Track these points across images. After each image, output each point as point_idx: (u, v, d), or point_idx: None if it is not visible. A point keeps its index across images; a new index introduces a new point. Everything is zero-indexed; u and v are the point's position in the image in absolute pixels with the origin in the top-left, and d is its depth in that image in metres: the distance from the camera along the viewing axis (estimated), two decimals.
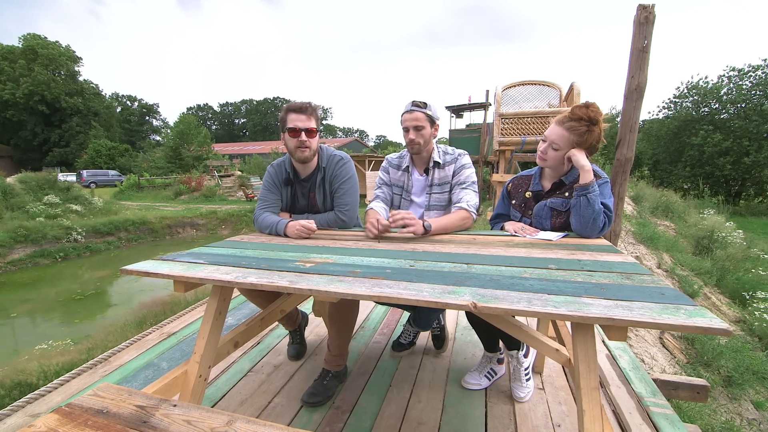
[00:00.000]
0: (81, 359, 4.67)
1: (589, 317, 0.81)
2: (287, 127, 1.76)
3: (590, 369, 0.95)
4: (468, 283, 1.00)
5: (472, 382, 1.91)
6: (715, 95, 15.07)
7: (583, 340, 0.96)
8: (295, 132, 1.75)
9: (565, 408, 1.75)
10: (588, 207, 1.52)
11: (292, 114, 1.75)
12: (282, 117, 1.80)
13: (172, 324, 2.71)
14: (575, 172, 1.67)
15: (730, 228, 6.03)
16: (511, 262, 1.20)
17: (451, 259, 1.24)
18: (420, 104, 1.87)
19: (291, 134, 1.75)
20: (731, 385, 2.65)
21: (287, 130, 1.76)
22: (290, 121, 1.75)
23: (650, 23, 2.97)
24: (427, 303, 0.89)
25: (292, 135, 1.75)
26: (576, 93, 3.09)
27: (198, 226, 17.06)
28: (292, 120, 1.75)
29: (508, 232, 1.71)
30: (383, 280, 1.04)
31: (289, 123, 1.76)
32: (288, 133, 1.76)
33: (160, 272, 1.18)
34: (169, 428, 0.93)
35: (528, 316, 0.93)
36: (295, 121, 1.75)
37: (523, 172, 1.89)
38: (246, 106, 69.58)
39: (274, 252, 1.40)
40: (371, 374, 2.04)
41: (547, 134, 1.65)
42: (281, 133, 1.84)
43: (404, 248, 1.43)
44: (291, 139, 1.77)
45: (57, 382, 2.00)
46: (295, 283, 1.03)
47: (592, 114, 1.54)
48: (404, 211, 1.71)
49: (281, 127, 1.82)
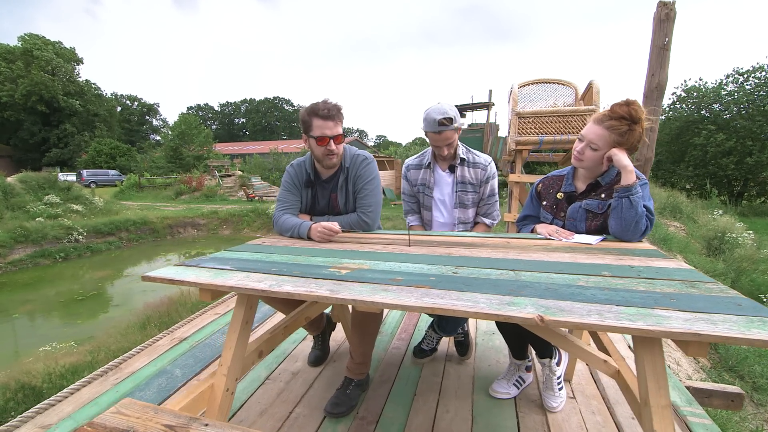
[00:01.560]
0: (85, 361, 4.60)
1: (673, 332, 0.74)
2: (314, 135, 1.67)
3: (660, 386, 0.88)
4: (524, 293, 0.93)
5: (500, 390, 1.83)
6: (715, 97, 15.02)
7: (650, 354, 0.89)
8: (323, 140, 1.66)
9: (599, 419, 1.68)
10: (630, 209, 1.44)
11: (318, 120, 1.65)
12: (306, 120, 1.69)
13: (183, 329, 2.63)
14: (612, 173, 1.60)
15: (741, 229, 5.97)
16: (560, 268, 1.13)
17: (495, 265, 1.17)
18: (445, 122, 1.82)
19: (319, 142, 1.67)
20: (757, 391, 2.59)
21: (315, 138, 1.67)
22: (317, 128, 1.66)
23: (671, 20, 2.90)
24: (487, 316, 0.82)
25: (320, 143, 1.67)
26: (595, 91, 3.02)
27: (199, 226, 16.98)
28: (319, 127, 1.65)
29: (541, 235, 1.64)
30: (431, 289, 0.96)
31: (315, 130, 1.66)
32: (316, 141, 1.68)
33: (186, 279, 1.10)
34: None
35: (601, 331, 0.86)
36: (322, 128, 1.65)
37: (554, 173, 1.82)
38: (246, 106, 69.40)
39: (302, 257, 1.32)
40: (394, 382, 1.96)
41: (584, 133, 1.57)
42: (303, 135, 1.76)
43: (439, 253, 1.35)
44: (318, 147, 1.69)
45: (67, 391, 1.93)
46: (336, 293, 0.95)
47: (634, 112, 1.46)
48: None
49: (304, 130, 1.73)
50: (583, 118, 2.99)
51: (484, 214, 2.07)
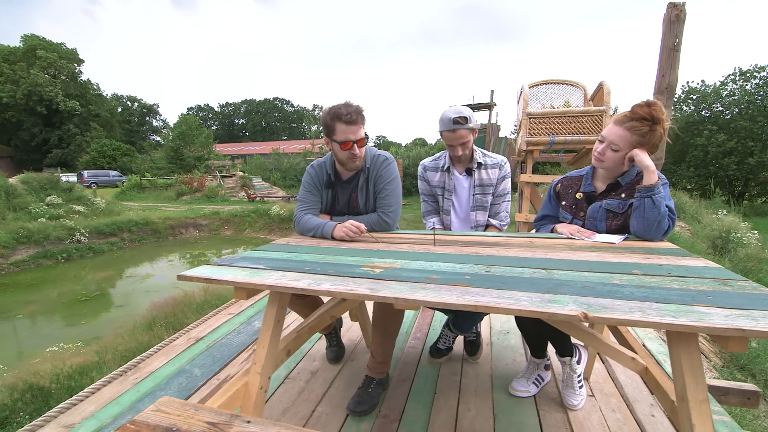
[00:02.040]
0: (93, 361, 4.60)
1: (716, 328, 0.75)
2: (338, 139, 1.68)
3: (697, 381, 0.89)
4: (562, 291, 0.94)
5: (520, 389, 1.85)
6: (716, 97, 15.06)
7: (687, 350, 0.91)
8: (346, 144, 1.68)
9: (620, 416, 1.70)
10: (653, 209, 1.46)
11: (341, 125, 1.66)
12: (329, 124, 1.71)
13: (198, 329, 2.64)
14: (631, 173, 1.61)
15: (746, 228, 5.99)
16: (591, 267, 1.15)
17: (526, 264, 1.18)
18: (460, 120, 1.84)
19: (343, 147, 1.69)
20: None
21: (339, 143, 1.69)
22: (341, 133, 1.67)
23: (681, 21, 2.92)
24: (531, 313, 0.84)
25: (344, 147, 1.69)
26: (606, 92, 3.04)
27: (201, 226, 17.00)
28: (342, 132, 1.67)
29: (563, 235, 1.65)
30: (469, 287, 0.98)
31: (339, 135, 1.68)
32: (340, 145, 1.69)
33: (224, 279, 1.12)
34: None
35: (645, 327, 0.88)
36: (346, 133, 1.67)
37: (572, 173, 1.84)
38: (246, 107, 69.42)
39: (332, 256, 1.34)
40: (413, 381, 1.98)
41: (604, 134, 1.59)
42: (325, 137, 1.77)
43: (466, 252, 1.37)
44: (342, 151, 1.71)
45: (88, 391, 1.94)
46: (377, 291, 0.97)
47: (655, 113, 1.48)
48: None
49: (326, 133, 1.75)
50: (593, 118, 3.01)
51: (494, 214, 2.07)
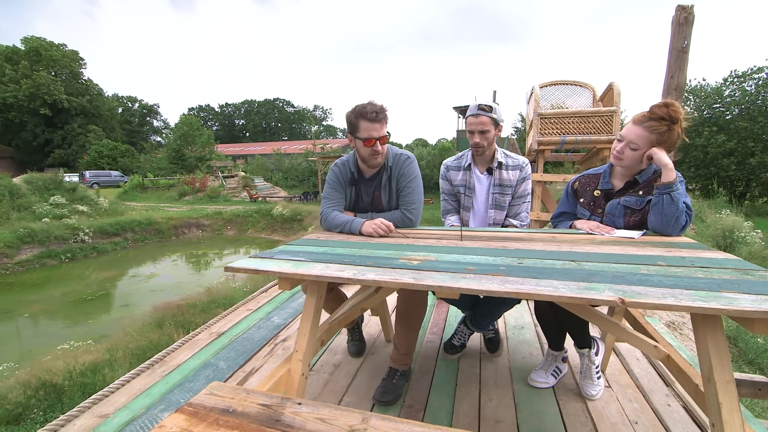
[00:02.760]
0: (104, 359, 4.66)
1: (745, 311, 0.81)
2: (362, 136, 1.75)
3: (723, 362, 0.95)
4: (595, 279, 1.00)
5: (539, 380, 1.91)
6: (717, 98, 15.14)
7: (713, 333, 0.97)
8: (370, 141, 1.74)
9: (637, 405, 1.76)
10: (672, 205, 1.52)
11: (365, 122, 1.73)
12: (353, 122, 1.77)
13: (218, 324, 2.70)
14: (648, 171, 1.68)
15: (749, 227, 6.06)
16: (617, 259, 1.21)
17: (555, 257, 1.25)
18: (486, 108, 1.90)
19: (366, 143, 1.75)
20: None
21: (362, 139, 1.75)
22: (364, 130, 1.74)
23: (690, 24, 2.99)
24: (570, 299, 0.90)
25: (367, 144, 1.75)
26: (616, 93, 3.10)
27: (203, 226, 17.06)
28: (366, 129, 1.73)
29: (582, 231, 1.71)
30: (506, 277, 1.04)
31: (363, 132, 1.74)
32: (363, 142, 1.76)
33: (270, 269, 1.18)
34: (305, 426, 0.93)
35: (678, 311, 0.94)
36: (369, 130, 1.73)
37: (589, 171, 1.90)
38: (246, 107, 69.52)
39: (366, 250, 1.40)
40: (434, 373, 2.04)
41: (623, 134, 1.65)
42: (349, 135, 1.84)
43: (494, 246, 1.43)
44: (365, 148, 1.77)
45: (119, 383, 2.00)
46: (420, 280, 1.03)
47: (673, 113, 1.54)
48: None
49: (350, 131, 1.81)
50: (603, 119, 3.07)
51: (513, 215, 2.09)
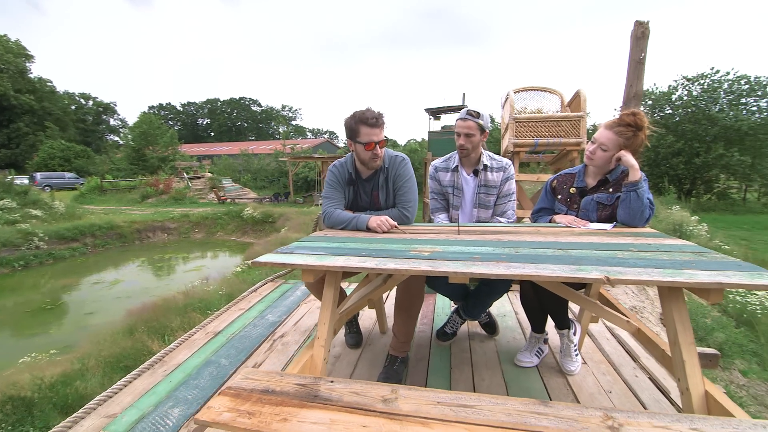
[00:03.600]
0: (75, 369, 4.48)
1: (703, 282, 1.02)
2: (362, 141, 1.86)
3: (686, 328, 1.16)
4: (583, 263, 1.19)
5: (524, 360, 2.11)
6: (667, 101, 16.40)
7: (677, 304, 1.17)
8: (370, 145, 1.87)
9: (610, 378, 2.00)
10: (638, 200, 1.75)
11: (365, 128, 1.85)
12: (352, 127, 1.88)
13: (213, 324, 2.73)
14: (617, 171, 1.91)
15: (695, 222, 6.69)
16: (597, 247, 1.41)
17: (544, 246, 1.43)
18: (474, 113, 2.08)
19: (366, 147, 1.87)
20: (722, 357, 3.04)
21: (363, 144, 1.87)
22: (365, 135, 1.86)
23: (646, 38, 3.32)
24: (567, 278, 1.07)
25: (368, 148, 1.87)
26: (583, 99, 3.39)
27: (170, 230, 16.47)
28: (367, 134, 1.85)
29: (561, 224, 1.92)
30: (509, 263, 1.20)
31: (363, 137, 1.86)
32: (364, 146, 1.88)
33: (296, 263, 1.29)
34: (342, 398, 1.05)
35: (655, 285, 1.13)
36: (370, 135, 1.86)
37: (566, 171, 2.12)
38: (210, 106, 67.26)
39: (377, 244, 1.53)
40: (429, 359, 2.20)
41: (596, 137, 1.87)
42: (349, 140, 1.94)
43: (489, 239, 1.60)
44: (366, 152, 1.89)
45: (121, 383, 2.01)
46: (437, 267, 1.17)
47: (639, 121, 1.78)
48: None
49: (350, 136, 1.91)
50: (572, 123, 3.35)
51: (500, 213, 2.24)
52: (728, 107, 15.18)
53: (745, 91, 15.18)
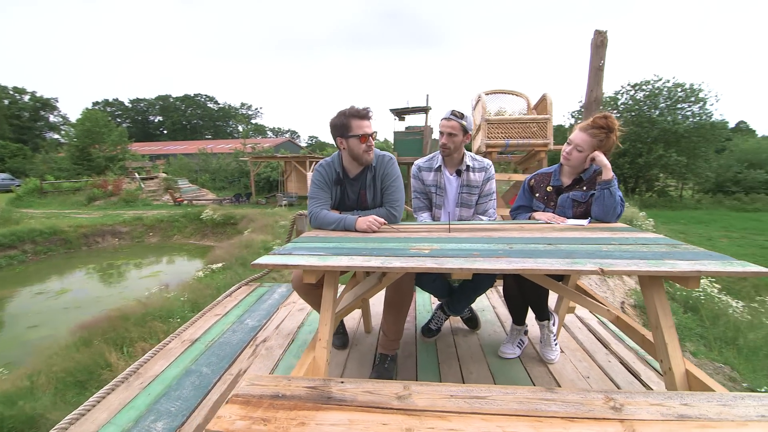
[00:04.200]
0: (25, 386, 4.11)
1: (684, 271, 1.12)
2: (356, 133, 1.86)
3: (666, 313, 1.27)
4: (575, 256, 1.26)
5: (508, 352, 2.20)
6: (614, 105, 17.62)
7: (658, 291, 1.28)
8: (364, 137, 1.87)
9: (586, 364, 2.13)
10: (611, 198, 1.88)
11: (357, 120, 1.85)
12: (344, 123, 1.87)
13: (188, 331, 2.61)
14: (590, 170, 2.04)
15: (643, 217, 7.27)
16: (582, 241, 1.50)
17: (534, 242, 1.50)
18: (458, 114, 2.13)
19: (361, 140, 1.87)
20: None
21: (357, 136, 1.86)
22: (358, 128, 1.85)
23: (604, 46, 3.56)
24: (566, 271, 1.14)
25: (363, 140, 1.87)
26: (549, 102, 3.58)
27: (121, 234, 15.48)
28: (360, 126, 1.85)
29: (541, 221, 2.02)
30: (510, 258, 1.26)
31: (356, 130, 1.86)
32: (359, 139, 1.87)
33: (298, 264, 1.26)
34: (356, 398, 1.06)
35: (641, 274, 1.22)
36: (363, 127, 1.86)
37: (542, 170, 2.23)
38: (162, 103, 63.66)
39: (374, 243, 1.53)
40: (417, 355, 2.23)
41: (572, 138, 1.99)
42: (339, 138, 1.92)
43: (480, 236, 1.65)
44: (360, 144, 1.88)
45: (94, 399, 1.88)
46: (442, 264, 1.20)
47: (611, 123, 1.91)
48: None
49: (340, 133, 1.90)
50: (539, 125, 3.53)
51: (482, 212, 2.30)
52: (667, 112, 16.57)
53: (681, 97, 16.64)
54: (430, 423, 0.95)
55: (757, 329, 3.91)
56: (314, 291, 1.98)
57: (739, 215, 14.77)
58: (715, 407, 0.95)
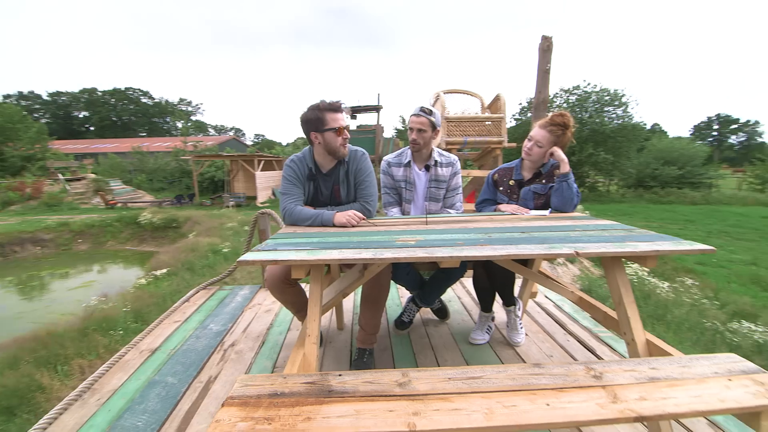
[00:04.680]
0: None
1: (645, 251, 1.26)
2: (331, 127, 1.84)
3: (627, 290, 1.41)
4: (550, 242, 1.36)
5: (478, 338, 2.30)
6: (549, 107, 18.95)
7: (620, 270, 1.42)
8: (340, 130, 1.85)
9: (548, 344, 2.29)
10: (568, 189, 2.05)
11: (332, 113, 1.83)
12: (319, 117, 1.84)
13: (146, 340, 2.42)
14: (548, 165, 2.19)
15: (581, 210, 7.95)
16: (551, 229, 1.62)
17: (508, 231, 1.59)
18: (426, 111, 2.19)
19: (338, 133, 1.86)
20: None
21: (333, 130, 1.84)
22: (333, 121, 1.84)
23: (550, 51, 3.84)
24: (546, 255, 1.23)
25: (338, 133, 1.86)
26: (502, 102, 3.78)
27: (44, 242, 13.96)
28: (335, 120, 1.84)
29: (507, 212, 2.14)
30: (493, 246, 1.33)
31: (332, 123, 1.84)
32: (335, 132, 1.85)
33: (289, 258, 1.23)
34: (357, 389, 1.07)
35: (611, 255, 1.33)
36: (339, 120, 1.85)
37: (504, 165, 2.36)
38: (87, 97, 57.78)
39: (359, 237, 1.53)
40: (392, 348, 2.26)
41: (532, 135, 2.13)
42: (313, 133, 1.88)
43: (457, 227, 1.72)
44: (336, 138, 1.86)
45: (45, 422, 1.69)
46: (432, 253, 1.24)
47: (567, 121, 2.07)
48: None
49: (315, 128, 1.86)
50: (495, 123, 3.72)
51: (450, 205, 2.41)
52: (595, 114, 18.14)
53: (607, 101, 18.29)
54: (434, 405, 0.98)
55: (680, 306, 4.45)
56: (289, 289, 1.95)
57: (656, 207, 16.57)
58: (677, 369, 1.08)
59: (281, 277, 1.87)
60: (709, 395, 0.98)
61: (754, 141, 66.54)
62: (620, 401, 0.97)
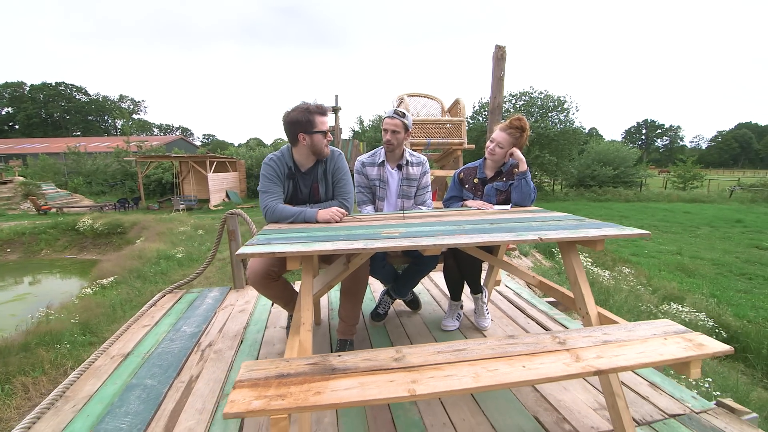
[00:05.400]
0: None
1: (595, 235, 1.48)
2: (321, 130, 1.94)
3: (581, 271, 1.64)
4: (517, 230, 1.55)
5: (449, 325, 2.48)
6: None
7: (575, 254, 1.64)
8: (326, 133, 1.95)
9: (512, 327, 2.52)
10: (527, 186, 2.28)
11: (320, 117, 1.93)
12: (308, 119, 1.91)
13: (116, 346, 2.35)
14: (507, 164, 2.42)
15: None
16: (515, 221, 1.82)
17: (478, 223, 1.77)
18: (400, 113, 2.34)
19: (323, 135, 1.95)
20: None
21: (322, 132, 1.95)
22: (320, 124, 1.94)
23: (504, 59, 4.14)
24: (515, 241, 1.41)
25: (325, 136, 1.96)
26: (462, 106, 4.03)
27: None
28: (322, 123, 1.94)
29: (473, 208, 2.34)
30: (470, 234, 1.49)
31: (320, 126, 1.94)
32: (323, 134, 1.95)
33: (284, 251, 1.31)
34: (358, 365, 1.18)
35: (570, 241, 1.53)
36: (324, 123, 1.95)
37: (468, 165, 2.57)
38: (12, 92, 52.08)
39: (345, 231, 1.63)
40: (370, 339, 2.38)
41: (494, 137, 2.34)
42: (302, 134, 1.95)
43: (434, 221, 1.87)
44: (323, 140, 1.96)
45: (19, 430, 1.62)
46: (418, 242, 1.38)
47: (524, 124, 2.31)
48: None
49: (303, 129, 1.93)
50: (455, 126, 3.96)
51: (421, 203, 2.56)
52: (540, 118, 19.38)
53: (551, 106, 19.60)
54: (429, 374, 1.11)
55: (620, 292, 4.96)
56: (273, 284, 2.00)
57: (596, 204, 18.04)
58: (624, 333, 1.30)
59: (263, 272, 1.93)
60: (650, 351, 1.20)
61: (676, 144, 74.56)
62: (581, 360, 1.16)
